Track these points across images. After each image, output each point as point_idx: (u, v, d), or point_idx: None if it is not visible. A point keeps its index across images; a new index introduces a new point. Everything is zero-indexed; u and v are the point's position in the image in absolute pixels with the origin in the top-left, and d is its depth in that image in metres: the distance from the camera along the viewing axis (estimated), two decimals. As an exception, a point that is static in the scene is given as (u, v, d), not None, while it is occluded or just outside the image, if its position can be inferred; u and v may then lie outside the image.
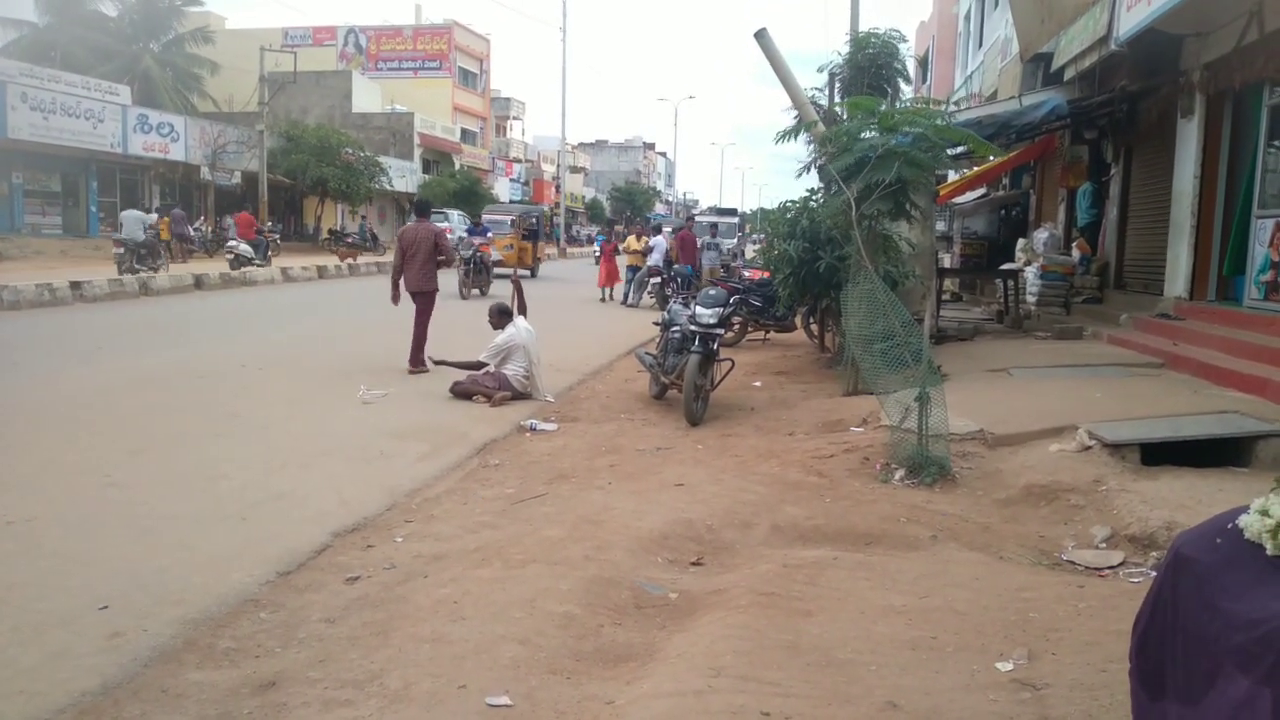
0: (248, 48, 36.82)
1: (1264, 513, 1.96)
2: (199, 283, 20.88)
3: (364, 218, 42.23)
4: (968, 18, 26.60)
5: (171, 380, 9.67)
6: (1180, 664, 2.00)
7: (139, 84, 35.16)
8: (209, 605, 4.21)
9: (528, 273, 26.23)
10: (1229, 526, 2.02)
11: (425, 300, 10.72)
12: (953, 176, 19.72)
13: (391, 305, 10.81)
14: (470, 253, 21.11)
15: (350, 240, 34.40)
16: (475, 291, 21.11)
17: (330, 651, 3.79)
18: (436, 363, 9.63)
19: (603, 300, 21.69)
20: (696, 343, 8.59)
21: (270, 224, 34.37)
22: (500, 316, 9.76)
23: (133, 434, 7.38)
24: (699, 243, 21.22)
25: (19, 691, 3.41)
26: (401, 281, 10.76)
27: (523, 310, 9.99)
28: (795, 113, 11.14)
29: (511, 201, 58.81)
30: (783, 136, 10.95)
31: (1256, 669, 1.76)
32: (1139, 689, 2.18)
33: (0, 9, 35.82)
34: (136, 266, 20.68)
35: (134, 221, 21.41)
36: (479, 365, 9.50)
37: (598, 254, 37.24)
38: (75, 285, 17.76)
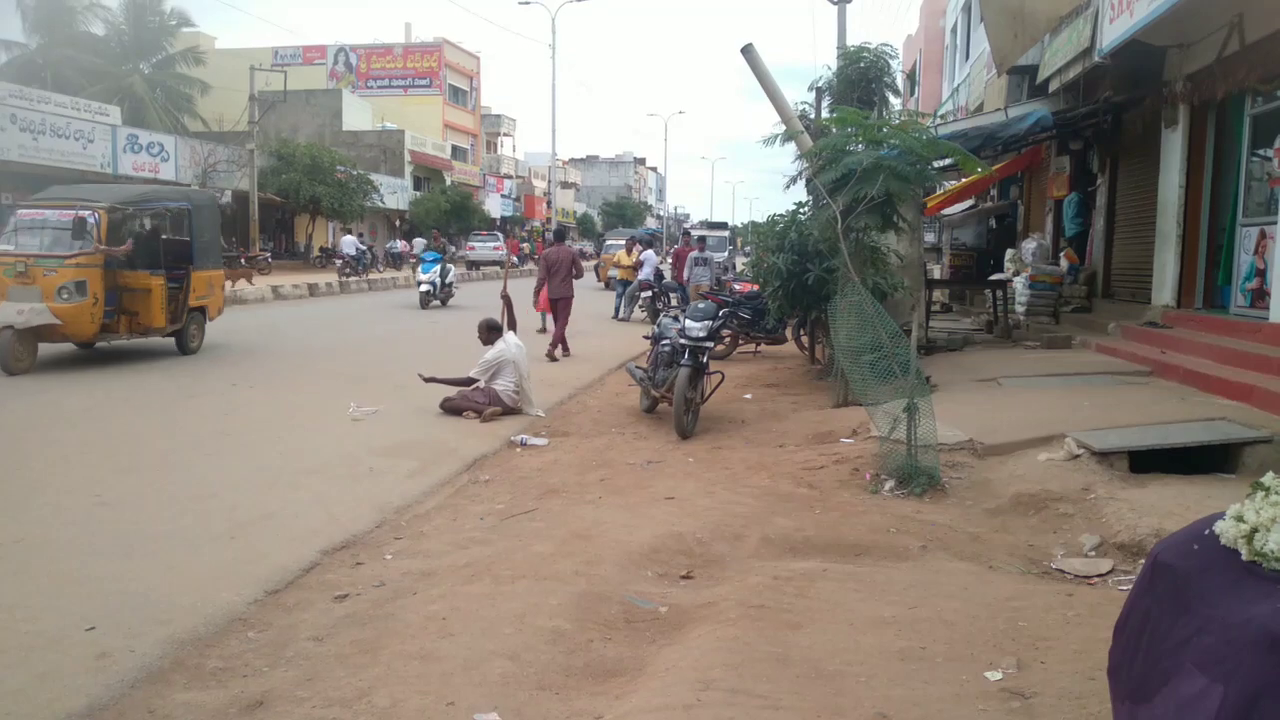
0: (238, 67, 36.82)
1: (1239, 518, 1.98)
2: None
3: (361, 234, 42.06)
4: (954, 31, 26.79)
5: (160, 399, 9.65)
6: (1140, 665, 2.02)
7: (129, 104, 35.13)
8: (197, 625, 4.20)
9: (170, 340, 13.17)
10: (1205, 533, 2.04)
11: (565, 304, 13.95)
12: (941, 188, 19.82)
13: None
14: None
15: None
16: None
17: (318, 670, 3.78)
18: (426, 380, 9.62)
19: (541, 331, 15.90)
20: (686, 356, 8.60)
21: (261, 243, 34.39)
22: (490, 332, 9.76)
23: (122, 453, 7.36)
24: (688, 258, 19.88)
25: (5, 713, 3.40)
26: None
27: (512, 326, 10.00)
28: (784, 126, 11.19)
29: (502, 221, 58.79)
30: (769, 141, 10.98)
31: (1217, 668, 1.77)
32: (1113, 691, 2.20)
33: None
34: None
35: None
36: (469, 381, 9.50)
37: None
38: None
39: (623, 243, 28.87)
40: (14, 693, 3.54)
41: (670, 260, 20.22)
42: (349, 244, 33.35)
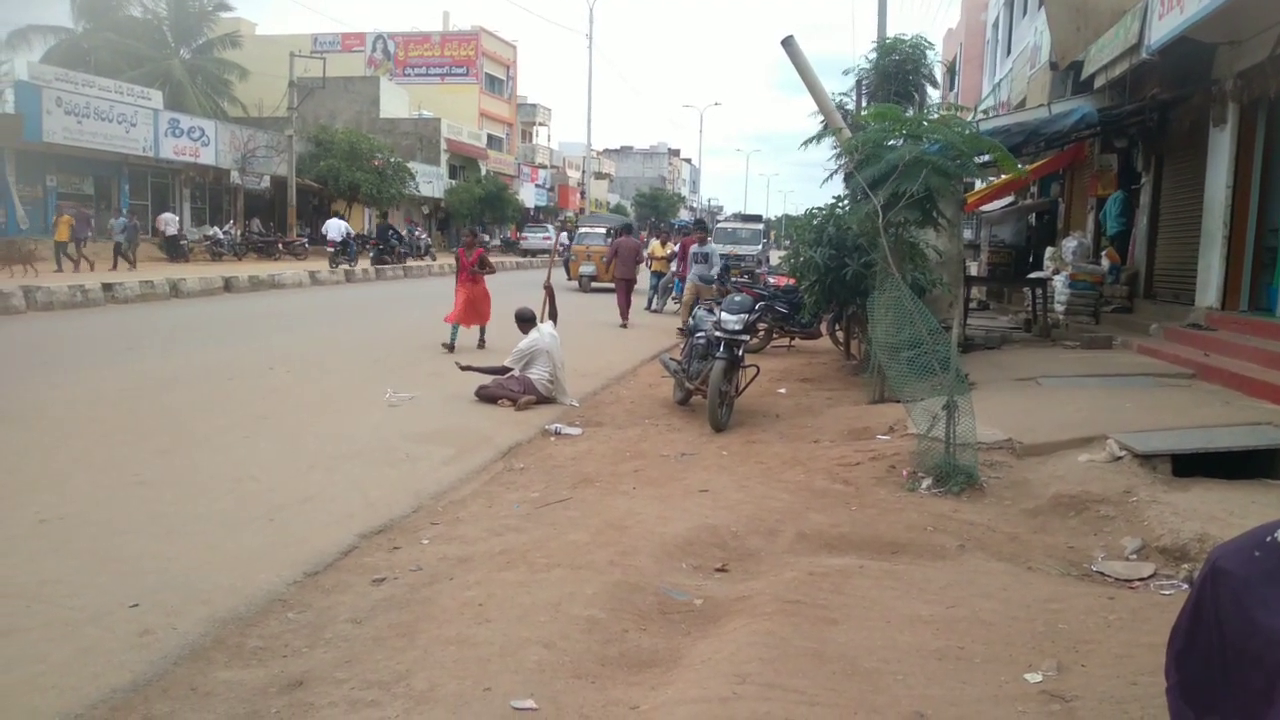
0: (277, 53, 37.22)
1: (1303, 526, 1.93)
2: (229, 285, 21.14)
3: (412, 223, 41.87)
4: (996, 25, 26.45)
5: (200, 381, 9.77)
6: (1233, 681, 1.96)
7: (169, 89, 35.57)
8: (237, 605, 4.25)
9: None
10: (1267, 540, 1.99)
11: (630, 284, 17.52)
12: (980, 184, 19.59)
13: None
14: None
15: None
16: None
17: (357, 652, 3.81)
18: (463, 368, 9.68)
19: (449, 348, 12.24)
20: (721, 349, 8.57)
21: (298, 228, 34.66)
22: (524, 322, 9.80)
23: (162, 434, 7.46)
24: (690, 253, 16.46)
25: (52, 686, 3.46)
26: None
27: (554, 316, 10.04)
28: (822, 119, 11.12)
29: (536, 209, 58.91)
30: (808, 143, 10.93)
31: None
32: (1181, 705, 2.13)
33: (32, 15, 36.40)
34: None
35: None
36: (504, 369, 9.54)
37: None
38: (107, 287, 18.02)
39: (601, 230, 26.16)
40: (59, 666, 3.60)
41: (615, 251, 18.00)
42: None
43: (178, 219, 29.54)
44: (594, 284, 24.19)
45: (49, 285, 16.96)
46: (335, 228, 29.99)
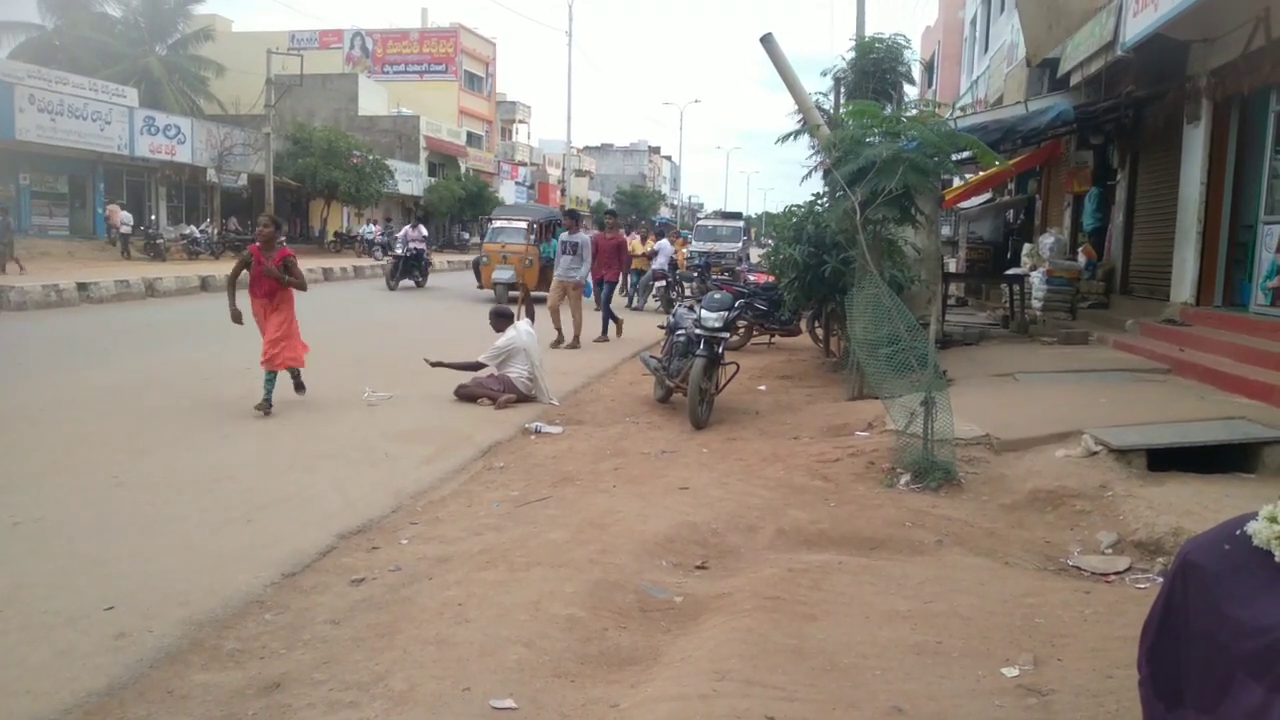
0: (254, 50, 36.87)
1: (1272, 519, 1.95)
2: (205, 284, 20.97)
3: (389, 220, 40.82)
4: (973, 23, 26.59)
5: (178, 382, 9.69)
6: (1198, 672, 1.99)
7: (145, 86, 35.19)
8: (214, 606, 4.22)
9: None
10: (1236, 533, 2.01)
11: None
12: (958, 181, 19.70)
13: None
14: None
15: None
16: None
17: (335, 653, 3.80)
18: (433, 365, 9.63)
19: (263, 411, 8.25)
20: (701, 346, 8.58)
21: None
22: (500, 320, 9.76)
23: (139, 435, 7.40)
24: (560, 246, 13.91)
25: (26, 691, 3.43)
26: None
27: (531, 317, 10.02)
28: (800, 117, 11.15)
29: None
30: (785, 139, 10.94)
31: (1268, 676, 1.75)
32: (1153, 698, 2.16)
33: (7, 12, 35.94)
34: None
35: None
36: (478, 365, 9.50)
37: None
38: (82, 286, 17.85)
39: (522, 224, 20.68)
40: (35, 670, 3.57)
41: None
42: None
43: (135, 217, 29.13)
44: (513, 293, 18.49)
45: (23, 285, 16.77)
46: None
